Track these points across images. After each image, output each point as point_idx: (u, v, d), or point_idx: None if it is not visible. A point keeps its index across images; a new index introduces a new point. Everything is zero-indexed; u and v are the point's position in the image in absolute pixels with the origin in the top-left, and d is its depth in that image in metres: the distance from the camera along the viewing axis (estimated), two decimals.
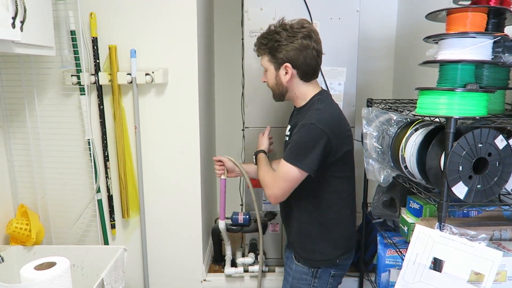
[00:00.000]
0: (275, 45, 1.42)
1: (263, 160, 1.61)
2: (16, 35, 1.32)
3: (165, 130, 1.91)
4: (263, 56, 1.49)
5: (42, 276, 1.18)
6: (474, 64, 1.15)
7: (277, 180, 1.44)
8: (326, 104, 1.46)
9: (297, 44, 1.40)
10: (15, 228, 1.71)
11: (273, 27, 1.45)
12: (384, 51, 2.52)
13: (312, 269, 1.53)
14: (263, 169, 1.57)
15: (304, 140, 1.38)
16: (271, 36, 1.43)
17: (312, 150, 1.36)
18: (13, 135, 1.86)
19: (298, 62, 1.42)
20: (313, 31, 1.44)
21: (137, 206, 1.97)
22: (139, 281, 2.05)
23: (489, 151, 1.12)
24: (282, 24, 1.44)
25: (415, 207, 1.50)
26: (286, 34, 1.40)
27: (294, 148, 1.39)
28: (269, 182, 1.48)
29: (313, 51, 1.42)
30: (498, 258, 1.08)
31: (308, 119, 1.39)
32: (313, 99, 1.48)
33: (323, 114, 1.40)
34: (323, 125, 1.36)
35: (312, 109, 1.44)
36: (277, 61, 1.44)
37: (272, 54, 1.44)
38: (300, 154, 1.37)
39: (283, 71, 1.45)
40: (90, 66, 1.82)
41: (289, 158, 1.39)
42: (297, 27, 1.42)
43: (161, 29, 1.82)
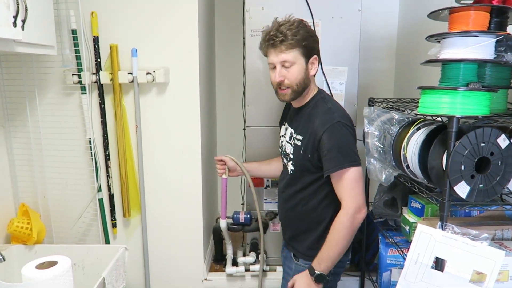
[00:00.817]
0: (306, 36, 1.39)
1: (320, 259, 1.41)
2: (17, 34, 1.32)
3: (166, 129, 1.91)
4: (291, 50, 1.39)
5: (43, 275, 1.18)
6: (477, 63, 1.14)
7: (351, 193, 1.36)
8: (333, 102, 1.50)
9: (315, 36, 1.44)
10: (16, 227, 1.71)
11: (287, 22, 1.40)
12: (386, 50, 2.52)
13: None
14: (332, 234, 1.39)
15: (342, 140, 1.38)
16: (297, 28, 1.38)
17: (352, 145, 1.40)
18: (14, 134, 1.86)
19: (319, 55, 1.46)
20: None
21: (138, 205, 1.96)
22: (140, 280, 2.05)
23: (492, 150, 1.12)
24: (293, 20, 1.41)
25: (416, 206, 1.49)
26: (306, 26, 1.41)
27: (339, 152, 1.36)
28: (347, 210, 1.35)
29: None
30: (500, 257, 1.08)
31: (329, 120, 1.38)
32: (316, 98, 1.48)
33: (339, 111, 1.44)
34: (347, 120, 1.42)
35: (322, 110, 1.44)
36: (309, 53, 1.42)
37: (307, 46, 1.40)
38: (348, 154, 1.37)
39: (311, 64, 1.45)
40: (91, 65, 1.82)
41: (343, 164, 1.35)
42: (304, 22, 1.43)
43: (162, 28, 1.82)
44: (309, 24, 1.45)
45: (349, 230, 1.37)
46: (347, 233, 1.37)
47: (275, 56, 1.41)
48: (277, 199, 2.06)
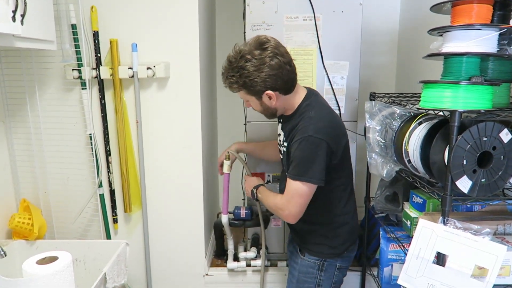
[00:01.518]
0: (247, 81, 1.34)
1: (266, 190, 1.59)
2: (17, 28, 1.31)
3: (167, 125, 1.90)
4: (236, 92, 1.43)
5: (44, 270, 1.18)
6: (479, 56, 1.13)
7: (289, 199, 1.39)
8: (317, 109, 1.42)
9: (268, 69, 1.32)
10: (17, 223, 1.71)
11: (233, 59, 1.35)
12: (387, 44, 2.50)
13: (318, 262, 1.53)
14: (270, 196, 1.53)
15: (306, 154, 1.35)
16: (238, 72, 1.34)
17: (316, 162, 1.35)
18: (14, 130, 1.86)
19: (277, 85, 1.36)
20: (276, 46, 1.34)
21: (139, 200, 1.96)
22: (142, 275, 2.06)
23: (494, 144, 1.11)
24: (241, 55, 1.33)
25: (418, 201, 1.49)
26: (253, 65, 1.31)
27: (299, 164, 1.36)
28: (282, 204, 1.43)
29: (286, 66, 1.35)
30: (502, 252, 1.08)
31: (304, 131, 1.35)
32: (301, 106, 1.45)
33: (318, 122, 1.37)
34: (322, 134, 1.35)
35: (305, 118, 1.40)
36: (257, 93, 1.38)
37: (248, 89, 1.37)
38: (306, 168, 1.35)
39: (266, 98, 1.39)
40: (91, 60, 1.81)
41: (296, 175, 1.36)
42: (259, 52, 1.32)
43: (163, 22, 1.81)
44: (268, 50, 1.33)
45: (273, 208, 1.50)
46: (271, 207, 1.52)
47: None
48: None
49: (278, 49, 1.34)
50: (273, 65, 1.32)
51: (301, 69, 1.92)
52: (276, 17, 1.89)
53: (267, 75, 1.32)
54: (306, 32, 1.90)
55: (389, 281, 1.71)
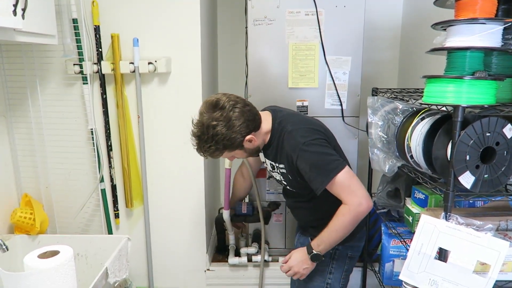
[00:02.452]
0: (225, 142, 1.36)
1: (319, 237, 1.44)
2: (18, 23, 1.31)
3: (168, 120, 1.90)
4: (223, 154, 1.44)
5: (45, 264, 1.18)
6: (483, 51, 1.12)
7: (350, 193, 1.37)
8: (288, 121, 1.46)
9: (236, 121, 1.34)
10: (19, 218, 1.71)
11: (200, 133, 1.35)
12: (390, 39, 2.49)
13: (331, 251, 1.53)
14: (332, 227, 1.41)
15: (314, 159, 1.37)
16: (213, 140, 1.35)
17: (326, 154, 1.38)
18: (16, 125, 1.86)
19: (250, 127, 1.39)
20: (228, 99, 1.36)
21: (141, 195, 1.97)
22: (143, 270, 2.06)
23: (497, 140, 1.10)
24: (206, 125, 1.33)
25: (420, 197, 1.49)
26: (222, 125, 1.33)
27: (318, 170, 1.37)
28: (350, 205, 1.37)
29: (246, 108, 1.38)
30: (505, 248, 1.07)
31: (295, 146, 1.38)
32: (274, 129, 1.47)
33: (298, 130, 1.41)
34: (309, 136, 1.39)
35: (285, 136, 1.42)
36: (238, 145, 1.40)
37: (230, 147, 1.39)
38: (326, 166, 1.37)
39: (247, 143, 1.41)
40: (93, 55, 1.81)
41: (328, 177, 1.36)
42: (219, 111, 1.34)
43: (164, 17, 1.80)
44: (227, 106, 1.34)
45: (351, 221, 1.39)
46: (348, 224, 1.39)
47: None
48: (279, 190, 2.06)
49: (231, 100, 1.37)
50: (237, 115, 1.35)
51: (303, 65, 1.91)
52: (278, 11, 1.87)
53: (238, 126, 1.35)
54: (308, 27, 1.88)
55: (391, 277, 1.70)
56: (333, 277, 1.58)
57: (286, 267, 1.52)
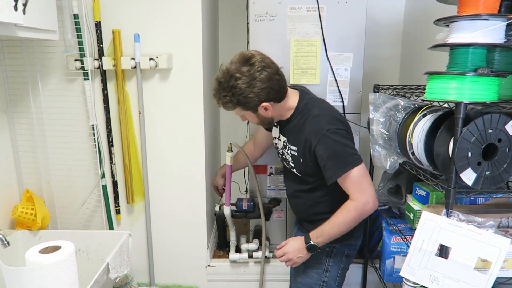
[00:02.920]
0: (241, 98, 1.36)
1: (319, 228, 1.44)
2: (19, 18, 1.30)
3: (169, 116, 1.90)
4: (230, 110, 1.45)
5: (47, 259, 1.19)
6: (486, 47, 1.12)
7: (360, 190, 1.37)
8: (317, 106, 1.46)
9: (260, 83, 1.34)
10: (20, 213, 1.71)
11: (222, 79, 1.37)
12: (392, 35, 2.48)
13: (328, 249, 1.54)
14: (335, 220, 1.41)
15: (334, 147, 1.37)
16: (231, 91, 1.35)
17: (347, 146, 1.38)
18: (17, 121, 1.86)
19: (270, 96, 1.38)
20: (262, 59, 1.36)
21: (142, 191, 1.97)
22: (144, 265, 2.07)
23: (499, 137, 1.10)
24: (230, 74, 1.34)
25: (421, 194, 1.48)
26: (244, 82, 1.33)
27: (336, 159, 1.37)
28: (358, 202, 1.37)
29: (275, 77, 1.37)
30: (506, 245, 1.07)
31: (319, 130, 1.37)
32: (299, 108, 1.47)
33: (325, 117, 1.41)
34: (335, 124, 1.39)
35: (310, 118, 1.42)
36: (252, 107, 1.40)
37: (244, 105, 1.39)
38: (344, 158, 1.37)
39: (262, 110, 1.41)
40: (94, 51, 1.80)
41: (342, 169, 1.36)
42: (247, 68, 1.34)
43: (165, 13, 1.79)
44: (256, 64, 1.34)
45: (355, 218, 1.40)
46: (351, 220, 1.40)
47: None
48: (280, 186, 2.06)
49: (265, 62, 1.37)
50: (263, 78, 1.34)
51: (305, 61, 1.91)
52: (279, 7, 1.87)
53: (260, 89, 1.35)
54: (309, 23, 1.88)
55: (391, 273, 1.71)
56: (329, 275, 1.58)
57: (280, 251, 1.52)
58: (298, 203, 1.66)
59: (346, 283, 1.66)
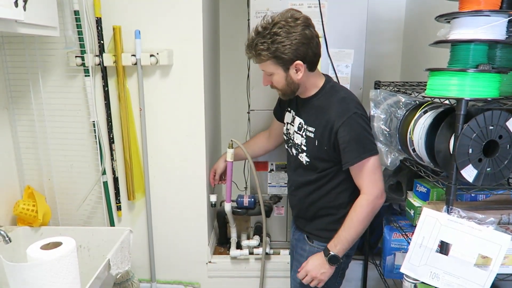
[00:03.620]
0: (279, 47, 1.31)
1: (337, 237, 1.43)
2: (19, 14, 1.30)
3: (170, 112, 1.90)
4: (263, 63, 1.39)
5: (48, 255, 1.19)
6: (487, 44, 1.12)
7: (372, 181, 1.38)
8: (345, 90, 1.47)
9: (301, 37, 1.31)
10: (22, 209, 1.72)
11: (265, 26, 1.33)
12: (393, 32, 2.47)
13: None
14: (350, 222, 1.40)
15: (359, 131, 1.37)
16: (271, 38, 1.31)
17: (369, 134, 1.40)
18: (18, 117, 1.86)
19: (307, 56, 1.35)
20: (308, 18, 1.36)
21: (143, 188, 1.97)
22: (145, 262, 2.07)
23: (500, 133, 1.10)
24: (274, 22, 1.32)
25: (422, 190, 1.49)
26: (285, 31, 1.30)
27: (357, 143, 1.37)
28: (369, 195, 1.38)
29: (315, 40, 1.37)
30: (506, 241, 1.07)
31: (345, 112, 1.37)
32: (325, 88, 1.46)
33: (352, 101, 1.42)
34: (361, 110, 1.40)
35: (337, 99, 1.42)
36: (286, 62, 1.35)
37: (278, 57, 1.34)
38: (364, 144, 1.37)
39: (293, 70, 1.37)
40: (95, 47, 1.80)
41: (361, 154, 1.36)
42: (292, 19, 1.32)
43: (166, 9, 1.79)
44: (300, 20, 1.32)
45: (368, 214, 1.39)
46: (366, 216, 1.39)
47: (257, 64, 1.44)
48: (281, 183, 2.06)
49: (309, 22, 1.37)
50: (305, 34, 1.32)
51: None
52: (280, 4, 1.86)
53: (300, 43, 1.31)
54: None
55: (392, 270, 1.71)
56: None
57: (303, 272, 1.48)
58: (302, 196, 1.60)
59: (346, 279, 1.66)
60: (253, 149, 1.89)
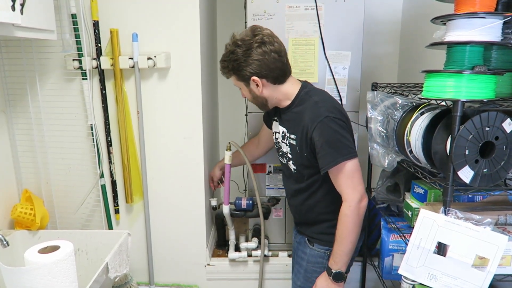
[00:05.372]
0: (235, 65, 1.43)
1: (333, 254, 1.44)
2: (16, 18, 1.30)
3: (168, 115, 1.90)
4: (232, 78, 1.51)
5: (45, 259, 1.19)
6: (483, 45, 1.12)
7: (351, 186, 1.37)
8: (318, 94, 1.47)
9: (254, 55, 1.39)
10: (19, 213, 1.71)
11: (228, 46, 1.46)
12: (390, 34, 2.48)
13: (328, 252, 1.53)
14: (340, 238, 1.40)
15: (332, 135, 1.37)
16: (229, 57, 1.44)
17: (343, 137, 1.38)
18: (15, 120, 1.85)
19: (262, 71, 1.42)
20: (266, 35, 1.41)
21: (141, 191, 1.97)
22: (144, 265, 2.07)
23: (496, 134, 1.10)
24: (234, 41, 1.43)
25: (419, 192, 1.49)
26: (241, 50, 1.40)
27: (330, 147, 1.36)
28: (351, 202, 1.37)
29: (272, 55, 1.40)
30: (503, 242, 1.08)
31: (317, 116, 1.37)
32: (300, 95, 1.48)
33: (325, 104, 1.41)
34: (335, 113, 1.39)
35: (309, 105, 1.43)
36: (244, 78, 1.45)
37: (237, 73, 1.45)
38: (340, 148, 1.36)
39: (254, 85, 1.45)
40: (92, 51, 1.80)
41: (336, 159, 1.36)
42: (249, 38, 1.40)
43: (163, 12, 1.79)
44: (257, 37, 1.39)
45: (355, 221, 1.38)
46: (353, 224, 1.38)
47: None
48: (279, 185, 2.07)
49: (269, 38, 1.41)
50: (259, 52, 1.39)
51: (303, 59, 1.91)
52: (277, 6, 1.87)
53: (253, 60, 1.40)
54: (307, 21, 1.88)
55: (390, 271, 1.71)
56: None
57: None
58: (297, 204, 1.64)
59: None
60: (241, 157, 1.92)
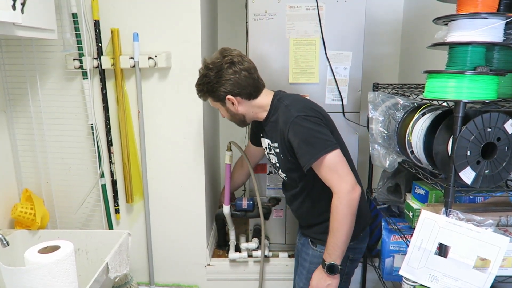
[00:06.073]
0: (209, 87, 1.47)
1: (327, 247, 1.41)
2: (17, 17, 1.30)
3: (168, 115, 1.90)
4: (209, 100, 1.55)
5: (45, 259, 1.18)
6: (485, 46, 1.12)
7: (337, 177, 1.35)
8: (289, 98, 1.50)
9: (226, 75, 1.44)
10: (20, 213, 1.71)
11: (201, 70, 1.50)
12: (391, 34, 2.48)
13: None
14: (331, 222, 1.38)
15: (305, 133, 1.37)
16: (202, 80, 1.48)
17: (319, 132, 1.37)
18: (16, 120, 1.85)
19: (235, 89, 1.46)
20: (235, 56, 1.46)
21: (141, 191, 1.97)
22: (144, 265, 2.07)
23: (498, 135, 1.10)
24: (205, 65, 1.47)
25: (420, 192, 1.49)
26: (213, 72, 1.44)
27: (307, 146, 1.36)
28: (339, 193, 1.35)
29: (243, 73, 1.45)
30: (505, 243, 1.07)
31: (288, 118, 1.40)
32: (273, 104, 1.51)
33: (295, 105, 1.44)
34: (305, 111, 1.40)
35: (281, 111, 1.46)
36: (219, 98, 1.49)
37: (212, 95, 1.50)
38: (316, 143, 1.36)
39: (229, 103, 1.49)
40: (93, 50, 1.80)
41: (315, 155, 1.35)
42: (219, 60, 1.44)
43: (164, 12, 1.79)
44: (226, 58, 1.44)
45: (345, 212, 1.35)
46: (345, 216, 1.35)
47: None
48: (279, 186, 2.06)
49: (237, 58, 1.46)
50: (230, 71, 1.44)
51: (304, 60, 1.90)
52: (278, 6, 1.86)
53: (225, 81, 1.45)
54: (309, 21, 1.87)
55: (391, 272, 1.71)
56: None
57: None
58: (296, 208, 1.64)
59: None
60: (237, 183, 2.02)
